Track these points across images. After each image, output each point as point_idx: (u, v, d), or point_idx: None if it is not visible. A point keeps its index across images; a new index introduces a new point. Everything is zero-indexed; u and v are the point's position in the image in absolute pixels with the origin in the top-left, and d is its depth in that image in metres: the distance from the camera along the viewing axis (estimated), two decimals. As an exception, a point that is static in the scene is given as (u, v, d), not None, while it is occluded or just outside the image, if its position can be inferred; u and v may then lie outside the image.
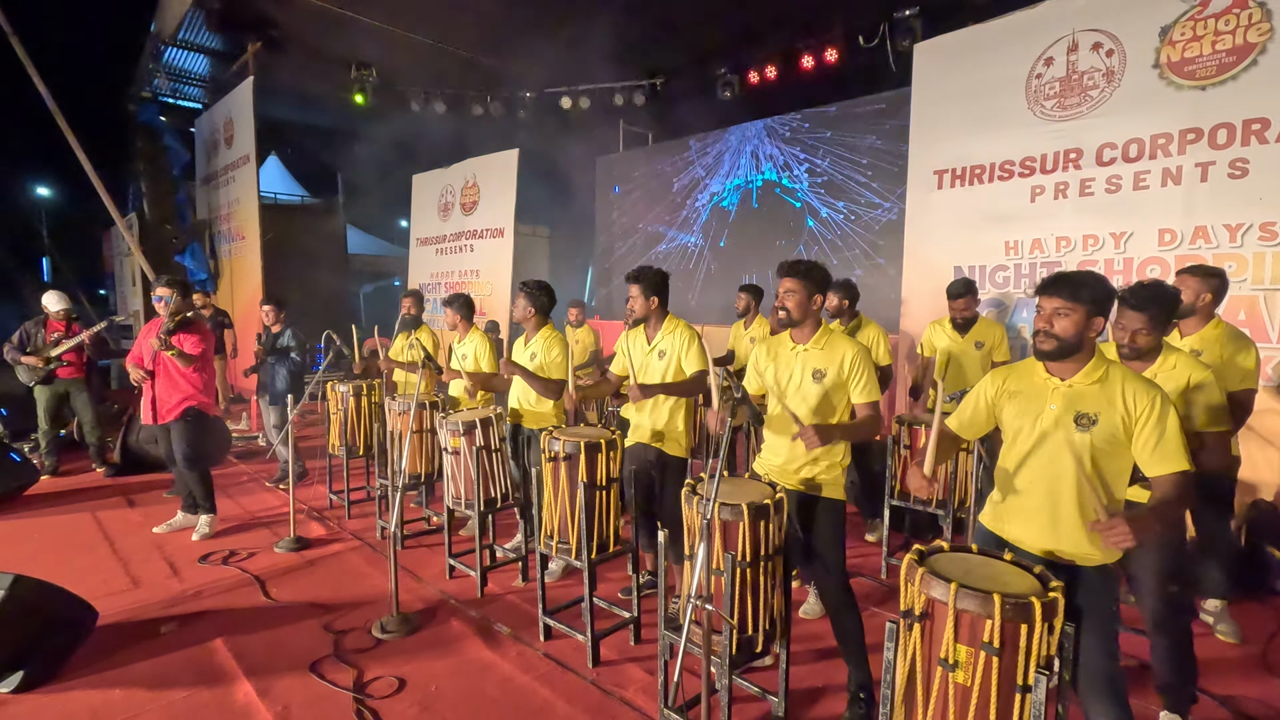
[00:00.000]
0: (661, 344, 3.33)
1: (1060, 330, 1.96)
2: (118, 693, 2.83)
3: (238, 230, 10.32)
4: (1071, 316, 1.94)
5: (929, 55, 5.76)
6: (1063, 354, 1.98)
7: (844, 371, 2.56)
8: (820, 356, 2.60)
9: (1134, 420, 1.91)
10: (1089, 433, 1.93)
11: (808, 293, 2.59)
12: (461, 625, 3.42)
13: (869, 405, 2.58)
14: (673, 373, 3.28)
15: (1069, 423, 1.96)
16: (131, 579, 3.94)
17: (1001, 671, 1.61)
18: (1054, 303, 1.96)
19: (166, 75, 11.23)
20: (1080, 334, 1.95)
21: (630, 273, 3.38)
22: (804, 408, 2.59)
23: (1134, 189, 4.62)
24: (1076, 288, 1.94)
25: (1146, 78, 4.55)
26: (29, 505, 5.29)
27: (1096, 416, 1.93)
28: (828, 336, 2.64)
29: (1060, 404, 1.99)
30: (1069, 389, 1.99)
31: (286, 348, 5.71)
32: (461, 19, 8.74)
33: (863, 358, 2.57)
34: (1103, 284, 1.98)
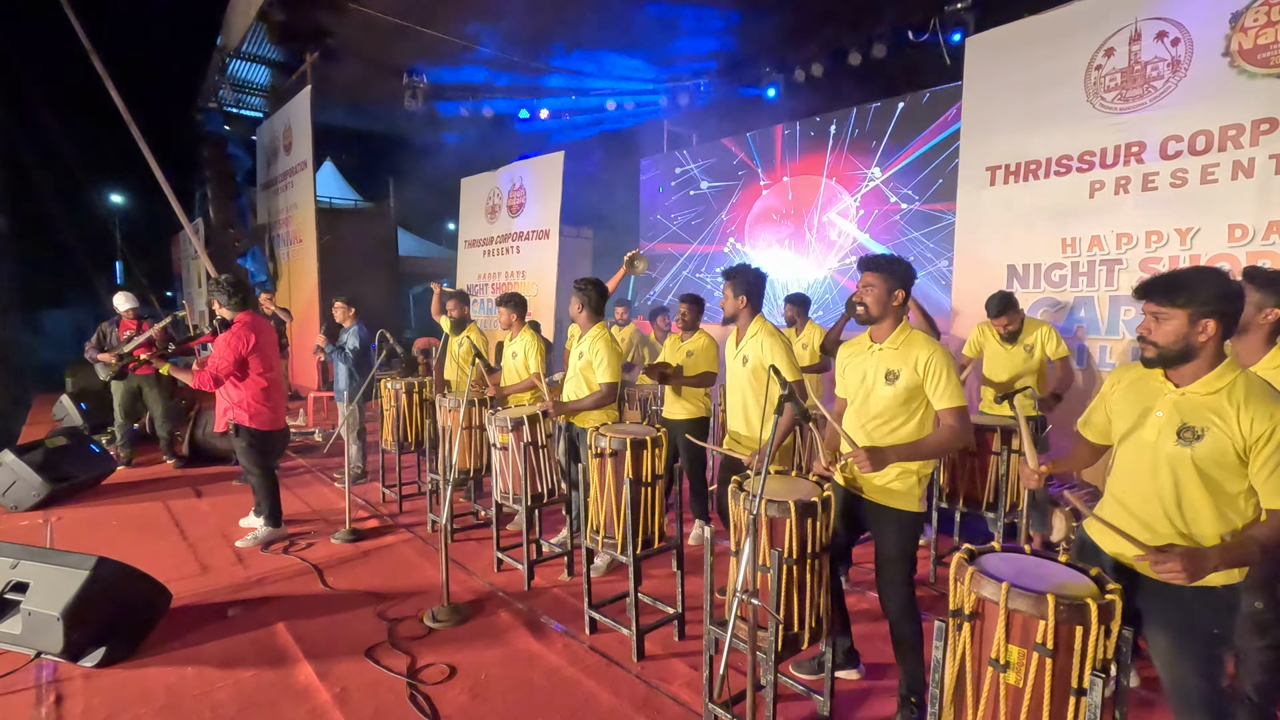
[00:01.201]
0: (745, 349, 3.29)
1: (1159, 337, 1.78)
2: (190, 670, 2.99)
3: (295, 234, 10.74)
4: (1171, 322, 1.75)
5: (981, 49, 5.62)
6: (1164, 362, 1.80)
7: (919, 374, 2.41)
8: (895, 357, 2.47)
9: (1250, 444, 1.69)
10: (1190, 448, 1.75)
11: (888, 287, 2.47)
12: (509, 617, 3.50)
13: (952, 412, 2.39)
14: (757, 381, 3.23)
15: (1170, 434, 1.78)
16: (200, 565, 4.16)
17: (1055, 674, 1.59)
18: (1150, 306, 1.79)
19: (231, 86, 11.76)
20: (1183, 340, 1.75)
21: (725, 269, 3.33)
22: (872, 410, 2.51)
23: (1201, 183, 4.43)
24: (1173, 290, 1.75)
25: (1216, 66, 4.35)
26: (106, 494, 5.62)
27: (1203, 432, 1.73)
28: (905, 335, 2.50)
29: (1167, 411, 1.81)
30: (1180, 397, 1.80)
31: (343, 345, 5.89)
32: (507, 25, 8.91)
33: (941, 359, 2.40)
34: (1209, 283, 1.74)
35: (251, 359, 4.30)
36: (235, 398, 4.34)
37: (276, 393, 4.48)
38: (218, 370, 4.24)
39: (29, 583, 3.02)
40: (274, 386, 4.46)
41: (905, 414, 2.47)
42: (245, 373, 4.31)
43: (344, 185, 16.95)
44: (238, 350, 4.24)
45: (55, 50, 10.11)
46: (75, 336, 6.30)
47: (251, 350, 4.28)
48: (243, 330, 4.28)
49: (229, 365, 4.23)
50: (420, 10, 8.58)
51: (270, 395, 4.42)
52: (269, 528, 4.55)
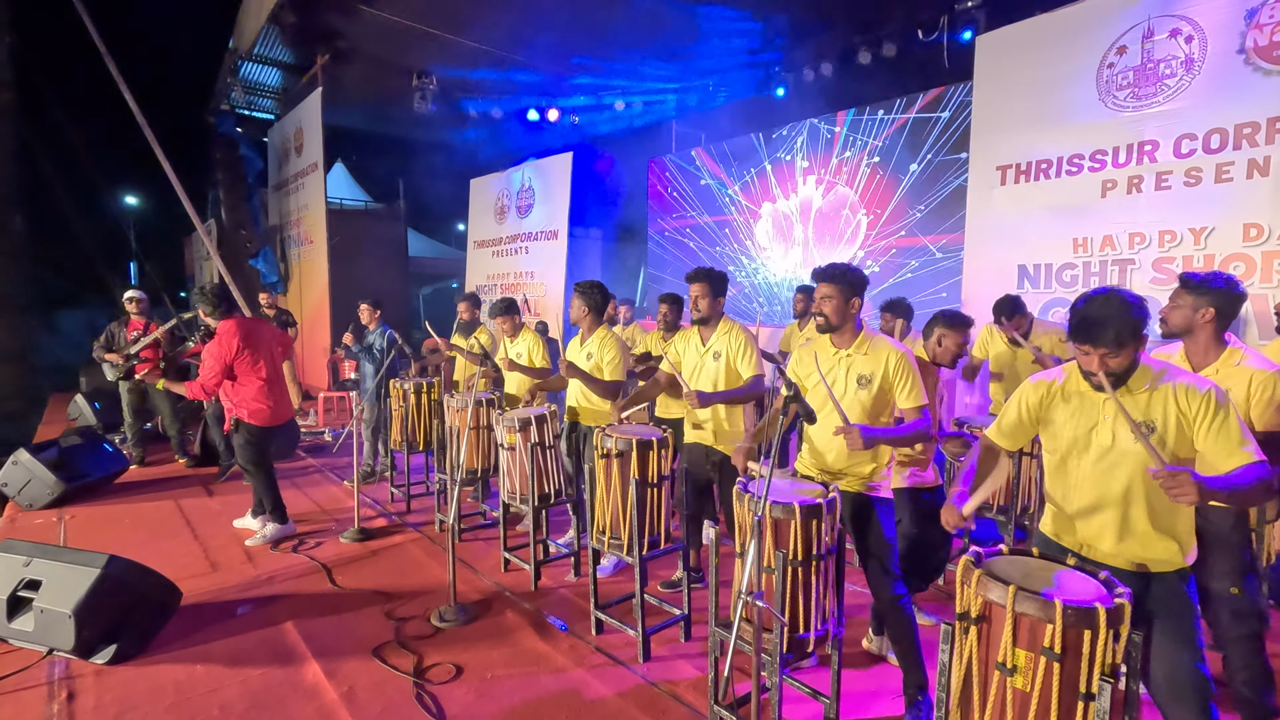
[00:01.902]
0: (716, 345, 3.34)
1: (1115, 367, 1.90)
2: (199, 668, 3.02)
3: (306, 234, 10.82)
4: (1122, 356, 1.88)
5: (992, 47, 5.58)
6: (1122, 383, 1.92)
7: (889, 376, 2.56)
8: (864, 362, 2.60)
9: (1191, 420, 1.86)
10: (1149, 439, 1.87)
11: (844, 297, 2.58)
12: (516, 616, 3.50)
13: (916, 410, 2.57)
14: (725, 375, 3.29)
15: (1126, 432, 1.90)
16: (211, 563, 4.19)
17: (1063, 678, 1.57)
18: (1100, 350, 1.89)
19: (243, 88, 11.87)
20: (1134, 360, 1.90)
21: (691, 272, 3.39)
22: (852, 415, 2.57)
23: (1216, 181, 4.38)
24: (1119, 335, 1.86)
25: (1231, 64, 4.30)
26: (119, 493, 5.68)
27: (1154, 423, 1.89)
28: (870, 341, 2.63)
29: (1115, 414, 1.93)
30: (1122, 399, 1.92)
31: (369, 345, 5.91)
32: (516, 26, 8.94)
33: (907, 362, 2.56)
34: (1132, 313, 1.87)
35: (239, 362, 4.33)
36: (234, 398, 4.41)
37: (275, 389, 4.49)
38: (204, 381, 4.31)
39: (41, 580, 3.05)
40: (272, 383, 4.46)
41: (876, 414, 2.59)
42: (235, 376, 4.36)
43: (354, 186, 17.08)
44: (222, 359, 4.29)
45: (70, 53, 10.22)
46: (90, 337, 6.37)
47: (237, 355, 4.32)
48: (225, 338, 4.32)
49: (215, 375, 4.30)
50: (430, 12, 8.62)
51: (269, 392, 4.44)
52: (276, 524, 4.58)
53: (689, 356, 3.45)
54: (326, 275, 10.03)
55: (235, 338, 4.33)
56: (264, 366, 4.43)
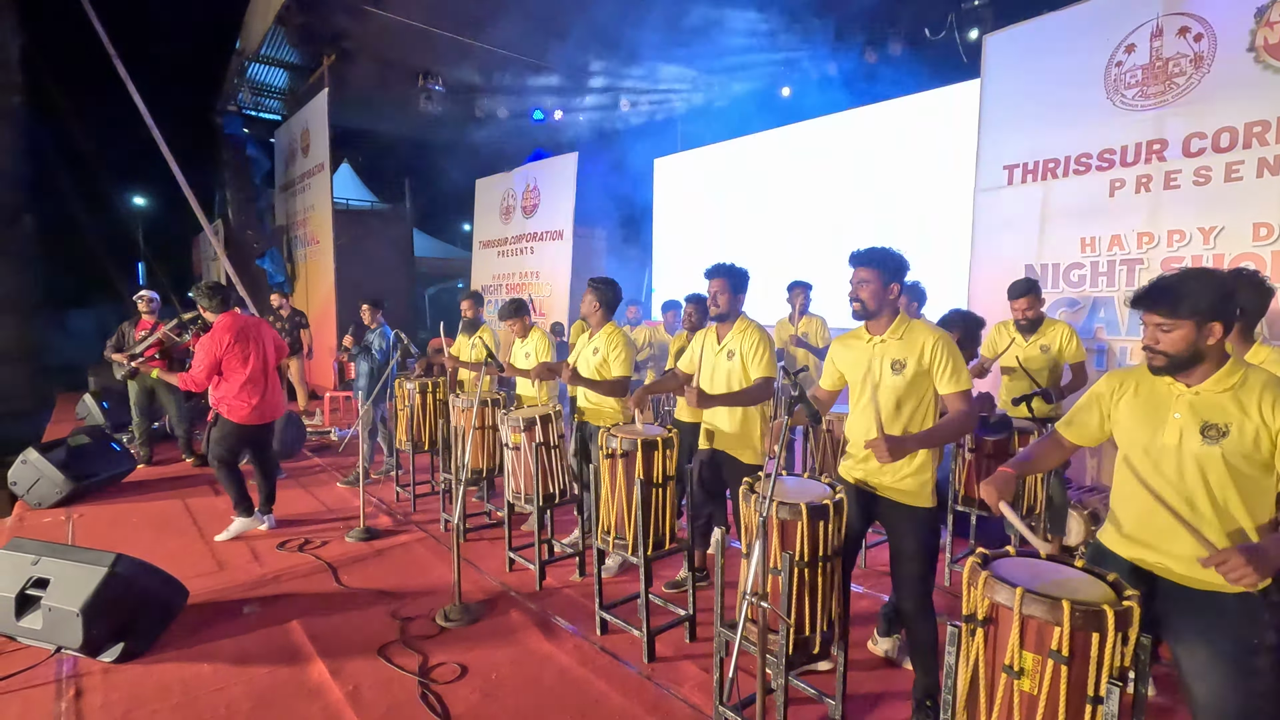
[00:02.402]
0: (730, 344, 3.28)
1: (1167, 346, 1.77)
2: (206, 667, 3.03)
3: (312, 235, 10.86)
4: (1177, 331, 1.74)
5: (1000, 46, 5.56)
6: (1176, 369, 1.79)
7: (925, 360, 2.41)
8: (899, 347, 2.47)
9: (1275, 433, 1.69)
10: (1218, 445, 1.72)
11: (883, 282, 2.46)
12: (521, 616, 3.50)
13: (960, 396, 2.41)
14: (739, 375, 3.24)
15: (1194, 434, 1.76)
16: (217, 562, 4.21)
17: (1071, 681, 1.55)
18: (1154, 319, 1.77)
19: (250, 89, 11.92)
20: (1192, 346, 1.74)
21: (710, 268, 3.30)
22: (881, 402, 2.46)
23: (1225, 180, 4.34)
24: (1176, 301, 1.72)
25: (1240, 62, 4.27)
26: (127, 491, 5.71)
27: (1227, 428, 1.72)
28: (905, 325, 2.49)
29: (1185, 412, 1.78)
30: (1195, 396, 1.78)
31: (368, 345, 5.91)
32: (522, 26, 8.95)
33: (945, 344, 2.41)
34: (1208, 288, 1.72)
35: (228, 358, 4.41)
36: (217, 394, 4.50)
37: (256, 388, 4.52)
38: (194, 374, 4.41)
39: (50, 579, 3.07)
40: (253, 381, 4.50)
41: (914, 401, 2.46)
42: (222, 371, 4.44)
43: (360, 187, 17.13)
44: (213, 354, 4.38)
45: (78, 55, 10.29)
46: (98, 336, 6.43)
47: (227, 350, 4.40)
48: (218, 332, 4.41)
49: (206, 369, 4.38)
50: (435, 13, 8.64)
51: (252, 390, 4.49)
52: (242, 518, 4.65)
53: (705, 355, 3.43)
54: (333, 275, 10.06)
55: (228, 333, 4.42)
56: (252, 364, 4.48)
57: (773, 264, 9.80)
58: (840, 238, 8.88)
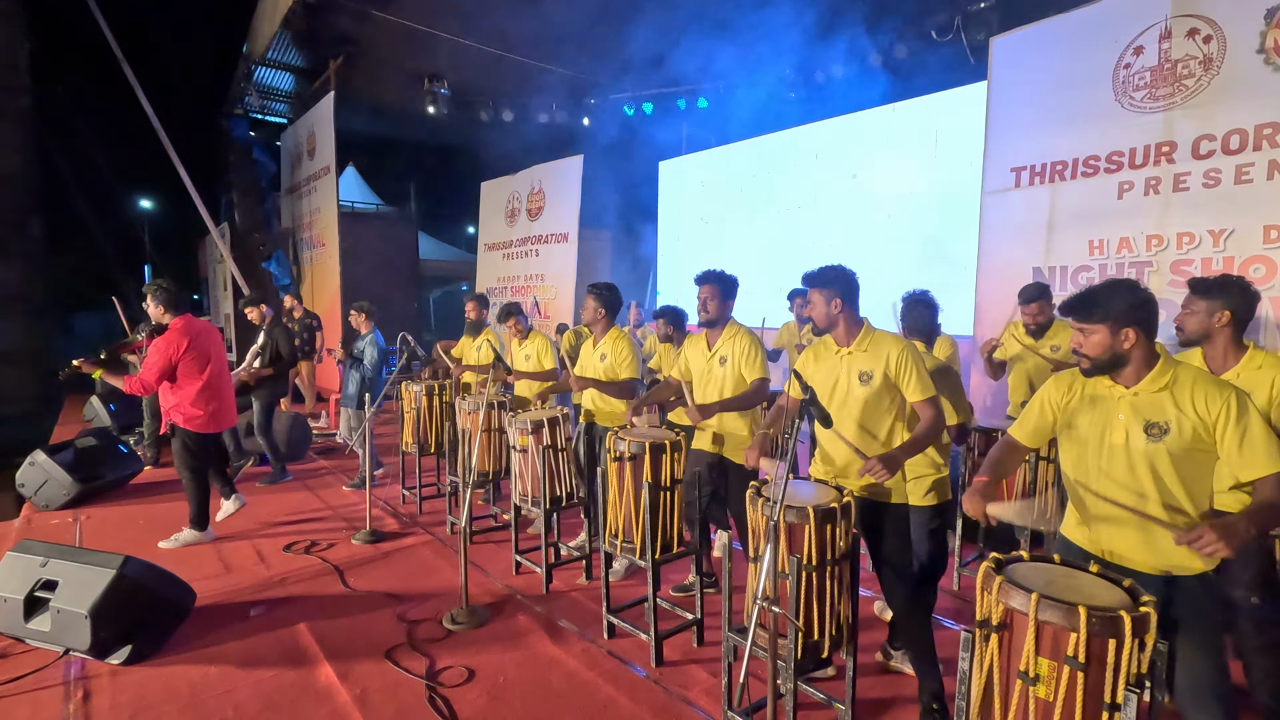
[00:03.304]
0: (723, 349, 3.30)
1: (1088, 350, 1.93)
2: (213, 669, 3.03)
3: (318, 238, 10.88)
4: (1095, 335, 1.91)
5: (1007, 48, 5.54)
6: (1099, 370, 1.94)
7: (891, 370, 2.53)
8: (865, 358, 2.58)
9: (1211, 425, 1.82)
10: (1162, 442, 1.85)
11: (825, 299, 2.60)
12: (528, 620, 3.50)
13: (927, 402, 2.52)
14: (733, 380, 3.25)
15: (1139, 432, 1.88)
16: (224, 564, 4.21)
17: (1087, 688, 1.54)
18: (1074, 324, 1.96)
19: (256, 93, 11.97)
20: (1109, 350, 1.90)
21: (700, 274, 3.35)
22: (852, 413, 2.57)
23: (1235, 183, 4.32)
24: (1090, 307, 1.91)
25: (1250, 64, 4.25)
26: (134, 493, 5.72)
27: (1168, 425, 1.85)
28: (871, 337, 2.61)
29: (1128, 412, 1.91)
30: (1135, 397, 1.91)
31: (359, 354, 5.84)
32: (527, 28, 8.97)
33: (909, 353, 2.53)
34: (1122, 296, 1.90)
35: (183, 363, 4.26)
36: (171, 400, 4.35)
37: (214, 395, 4.42)
38: (144, 377, 4.20)
39: (58, 581, 3.07)
40: (210, 389, 4.39)
41: (881, 410, 2.57)
42: (175, 378, 4.28)
43: (366, 190, 17.17)
44: (168, 357, 4.21)
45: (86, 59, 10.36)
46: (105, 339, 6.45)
47: (183, 354, 4.25)
48: (175, 336, 4.25)
49: (156, 372, 4.20)
50: (441, 17, 8.67)
51: (206, 398, 4.36)
52: (193, 531, 4.52)
53: (696, 362, 3.42)
54: (338, 278, 10.08)
55: (185, 337, 4.26)
56: (209, 371, 4.37)
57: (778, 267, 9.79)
58: (847, 241, 8.87)
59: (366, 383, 5.70)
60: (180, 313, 4.36)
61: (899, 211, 8.28)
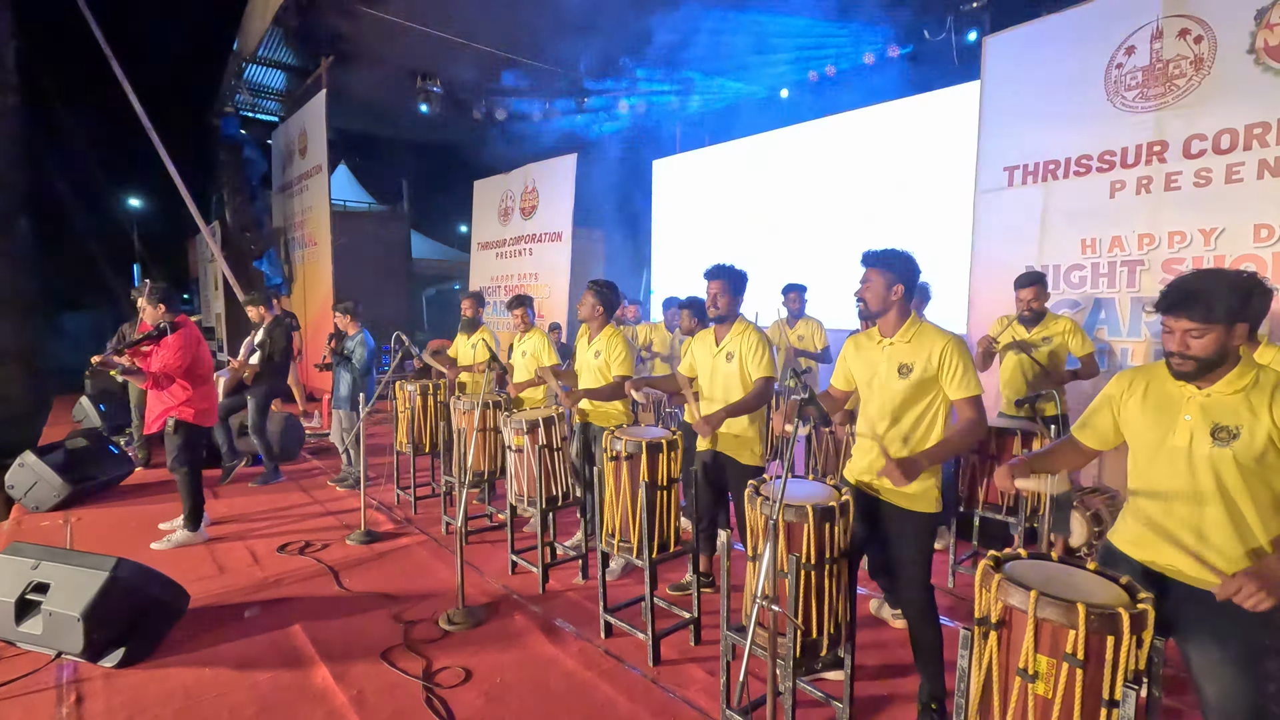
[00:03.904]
0: (730, 345, 3.27)
1: (1198, 350, 1.72)
2: (208, 672, 3.01)
3: (310, 237, 10.82)
4: (1209, 335, 1.70)
5: (1000, 48, 5.56)
6: (1204, 373, 1.74)
7: (933, 365, 2.38)
8: (907, 350, 2.43)
9: None
10: (1229, 448, 1.70)
11: (886, 282, 2.44)
12: (524, 620, 3.49)
13: (970, 402, 2.36)
14: (739, 377, 3.23)
15: (1204, 436, 1.74)
16: (218, 565, 4.18)
17: (1085, 685, 1.55)
18: (1184, 324, 1.73)
19: (248, 91, 11.88)
20: (1223, 349, 1.72)
21: (710, 269, 3.28)
22: (888, 407, 2.46)
23: (1226, 182, 4.35)
24: (1209, 308, 1.69)
25: (1240, 64, 4.28)
26: (125, 494, 5.68)
27: (1238, 430, 1.70)
28: (916, 328, 2.46)
29: (1196, 414, 1.77)
30: (1206, 398, 1.77)
31: (348, 354, 5.74)
32: (521, 27, 8.94)
33: (956, 348, 2.37)
34: (1234, 289, 1.70)
35: (198, 361, 4.47)
36: (179, 396, 4.43)
37: (212, 390, 4.70)
38: (169, 368, 4.33)
39: (50, 583, 3.04)
40: (211, 384, 4.67)
41: (918, 406, 2.44)
42: (190, 375, 4.45)
43: (358, 188, 17.10)
44: (191, 350, 4.40)
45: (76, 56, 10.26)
46: (95, 339, 6.39)
47: (199, 348, 4.50)
48: (192, 331, 4.48)
49: (180, 365, 4.34)
50: (433, 15, 8.62)
51: (206, 393, 4.58)
52: (188, 531, 4.54)
53: (702, 358, 3.40)
54: (330, 277, 10.03)
55: (197, 332, 4.54)
56: (208, 367, 4.62)
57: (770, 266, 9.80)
58: (840, 240, 8.89)
59: (358, 383, 5.63)
60: (178, 312, 4.50)
61: (891, 210, 8.30)
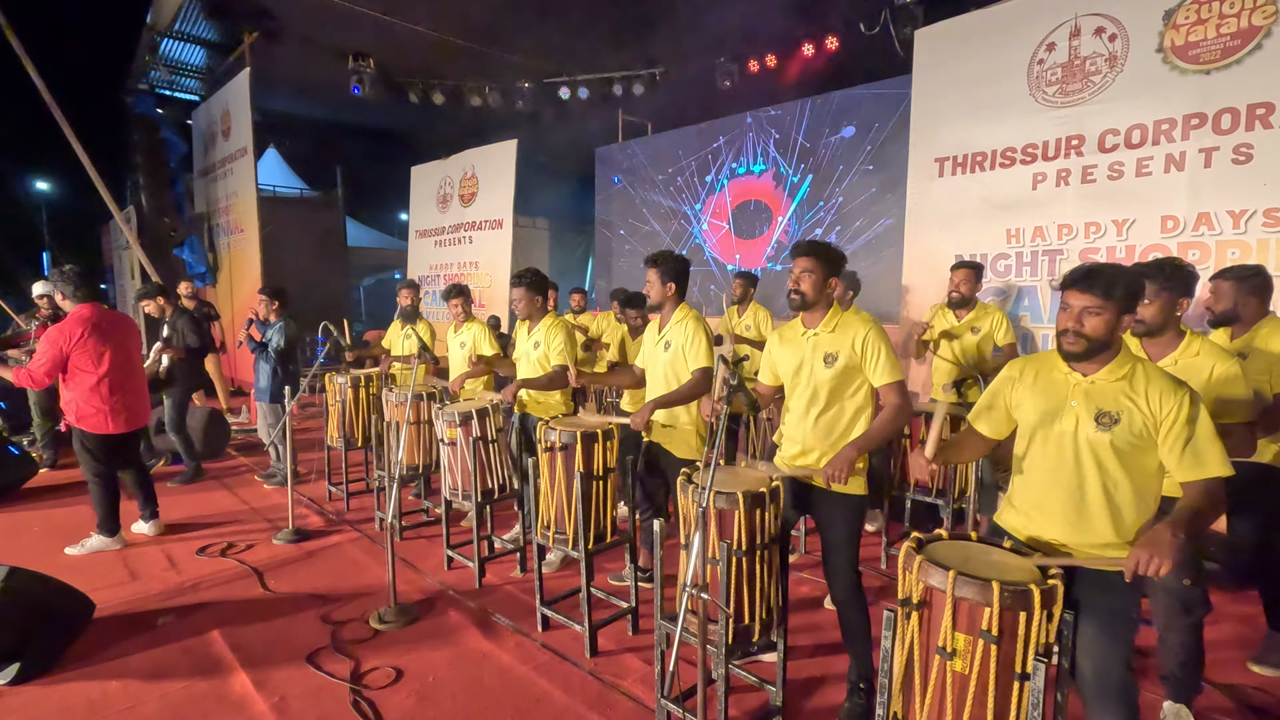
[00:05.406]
0: (669, 335, 3.24)
1: (1090, 329, 1.80)
2: (115, 684, 2.82)
3: (236, 223, 10.29)
4: (1103, 315, 1.79)
5: (930, 41, 5.69)
6: (1092, 354, 1.83)
7: (857, 353, 2.43)
8: (832, 340, 2.48)
9: (1159, 422, 1.77)
10: (1109, 432, 1.81)
11: (824, 273, 2.47)
12: (459, 616, 3.41)
13: (893, 387, 2.42)
14: (675, 366, 3.20)
15: (1089, 421, 1.83)
16: (129, 571, 3.94)
17: (1000, 660, 1.59)
18: (1084, 300, 1.80)
19: (164, 67, 11.16)
20: (1111, 332, 1.81)
21: (650, 256, 3.26)
22: (817, 397, 2.50)
23: (1137, 175, 4.57)
24: (1110, 284, 1.77)
25: (1150, 62, 4.49)
26: (28, 498, 5.30)
27: (1119, 415, 1.80)
28: (838, 318, 2.51)
29: (1081, 400, 1.86)
30: (1091, 385, 1.86)
31: (267, 341, 5.46)
32: (459, 8, 8.67)
33: (876, 336, 2.43)
34: (1131, 279, 1.82)
35: (76, 355, 3.92)
36: (65, 397, 4.04)
37: (115, 391, 4.07)
38: (33, 369, 3.86)
39: (-68, 596, 2.80)
40: (108, 385, 4.03)
41: (845, 394, 2.49)
42: (68, 371, 3.95)
43: (289, 173, 16.37)
44: (59, 346, 3.88)
45: (-34, 25, 9.41)
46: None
47: (76, 344, 3.90)
48: (68, 325, 3.92)
49: (46, 363, 3.86)
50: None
51: (103, 394, 4.02)
52: (101, 536, 4.23)
53: (646, 348, 3.37)
54: (259, 266, 9.56)
55: (81, 325, 3.91)
56: (107, 364, 4.01)
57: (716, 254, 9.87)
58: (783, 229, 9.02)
59: (280, 374, 5.37)
60: (86, 300, 4.00)
61: (834, 200, 8.45)
